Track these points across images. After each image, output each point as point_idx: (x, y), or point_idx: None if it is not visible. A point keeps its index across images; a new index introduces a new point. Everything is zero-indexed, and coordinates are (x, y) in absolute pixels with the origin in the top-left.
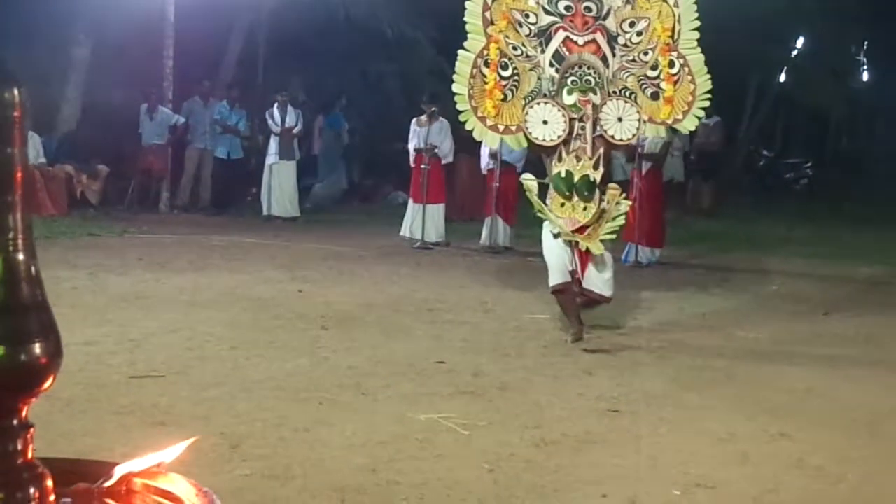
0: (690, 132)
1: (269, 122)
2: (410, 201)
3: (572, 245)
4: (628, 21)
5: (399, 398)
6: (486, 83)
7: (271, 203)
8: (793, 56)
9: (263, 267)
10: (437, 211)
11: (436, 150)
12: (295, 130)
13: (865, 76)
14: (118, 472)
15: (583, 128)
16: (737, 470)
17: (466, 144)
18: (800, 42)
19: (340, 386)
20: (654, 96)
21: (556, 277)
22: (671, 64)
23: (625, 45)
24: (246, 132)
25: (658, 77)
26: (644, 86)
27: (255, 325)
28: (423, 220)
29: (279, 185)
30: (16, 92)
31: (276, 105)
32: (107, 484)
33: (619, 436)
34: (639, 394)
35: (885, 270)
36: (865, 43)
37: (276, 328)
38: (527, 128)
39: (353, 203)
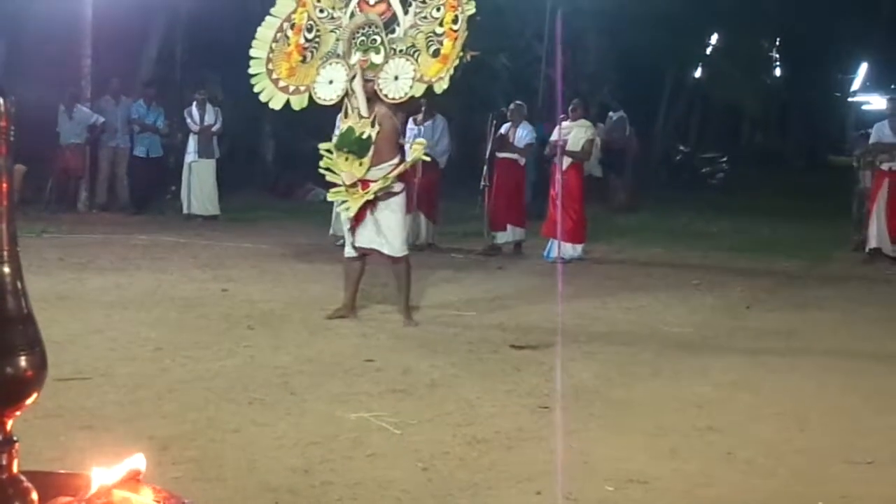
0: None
1: (188, 120)
2: None
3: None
4: None
5: (329, 397)
6: (287, 45)
7: (191, 201)
8: (707, 52)
9: (186, 266)
10: None
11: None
12: (214, 129)
13: (778, 72)
14: (96, 484)
15: (353, 87)
16: (667, 464)
17: None
18: (714, 38)
19: (269, 386)
20: (436, 53)
21: (346, 248)
22: (455, 20)
23: (422, 2)
24: (164, 130)
25: (443, 34)
26: (430, 43)
27: (179, 325)
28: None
29: (199, 184)
30: (2, 102)
31: (194, 103)
32: (87, 497)
33: (550, 432)
34: (567, 390)
35: (802, 263)
36: (778, 39)
37: (202, 328)
38: (314, 88)
39: (272, 201)
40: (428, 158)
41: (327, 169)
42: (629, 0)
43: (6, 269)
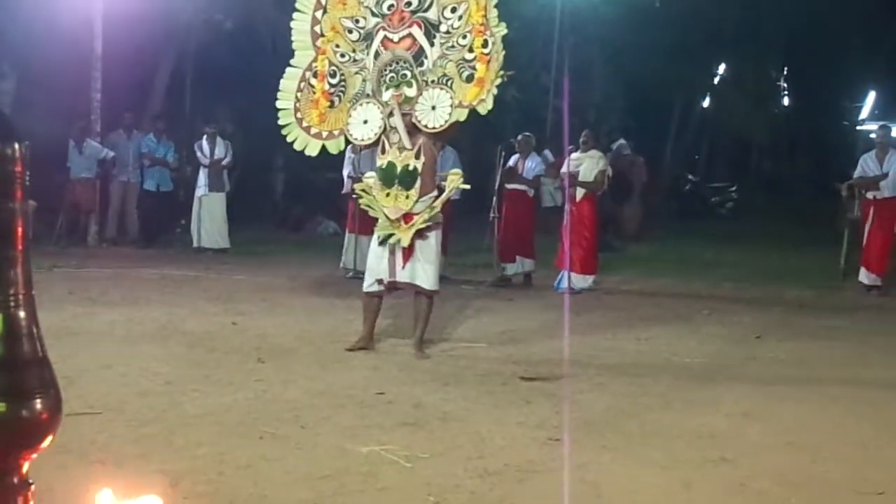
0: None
1: (198, 153)
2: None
3: (392, 250)
4: (449, 7)
5: (340, 431)
6: (313, 93)
7: (201, 235)
8: (715, 81)
9: (196, 300)
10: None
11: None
12: (224, 162)
13: (786, 101)
14: None
15: (392, 122)
16: (681, 496)
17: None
18: (722, 68)
19: (280, 419)
20: (470, 79)
21: (368, 283)
22: (484, 44)
23: (447, 32)
24: (174, 164)
25: (474, 59)
26: (462, 69)
27: (190, 359)
28: (354, 250)
29: (209, 217)
30: (17, 147)
31: (204, 137)
32: None
33: (561, 464)
34: (578, 421)
35: (813, 292)
36: (785, 69)
37: (212, 362)
38: (348, 129)
39: (282, 234)
40: (468, 186)
41: (368, 206)
42: (636, 30)
43: (21, 314)
